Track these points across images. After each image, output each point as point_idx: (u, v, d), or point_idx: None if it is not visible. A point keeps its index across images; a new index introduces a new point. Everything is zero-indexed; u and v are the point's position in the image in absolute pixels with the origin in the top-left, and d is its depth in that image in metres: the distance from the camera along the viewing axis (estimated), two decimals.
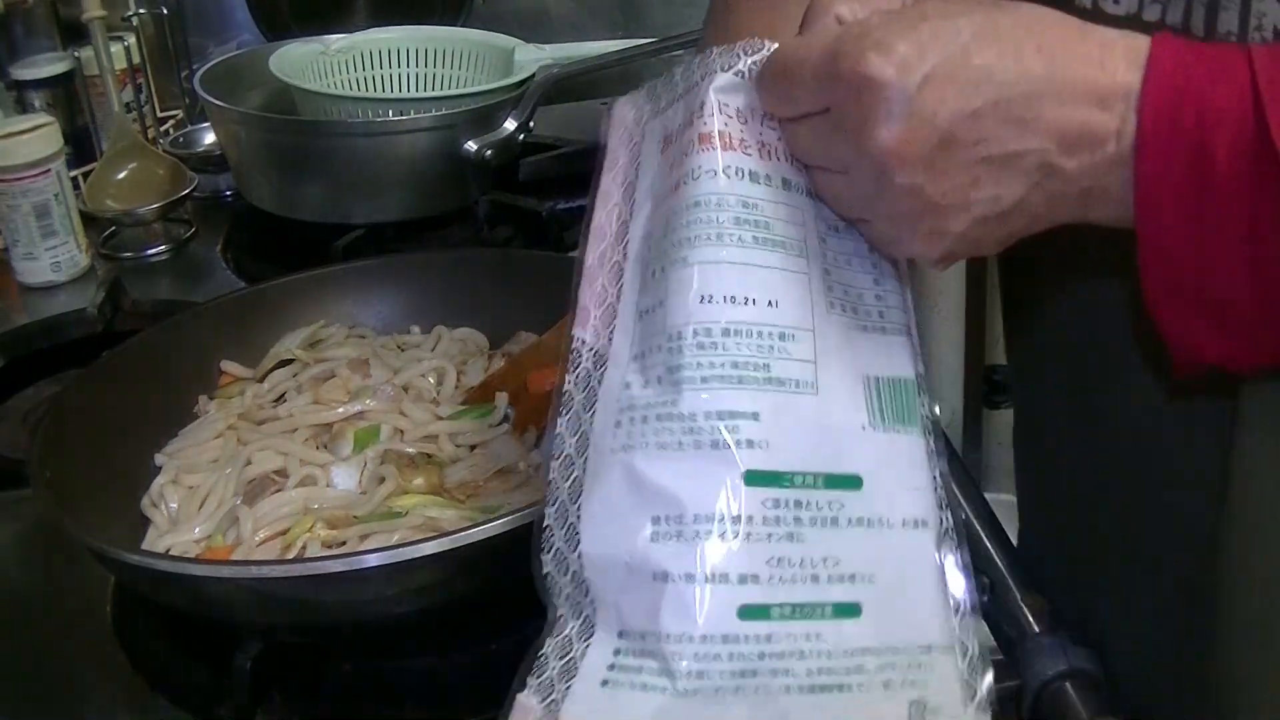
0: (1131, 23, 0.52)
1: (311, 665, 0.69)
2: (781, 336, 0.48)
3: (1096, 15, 0.53)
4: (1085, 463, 0.65)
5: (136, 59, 1.35)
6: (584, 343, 0.51)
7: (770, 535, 0.46)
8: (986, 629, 0.60)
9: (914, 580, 0.48)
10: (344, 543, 0.69)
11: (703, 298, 0.48)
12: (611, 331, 0.51)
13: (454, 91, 1.22)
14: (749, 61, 0.51)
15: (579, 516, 0.48)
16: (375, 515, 0.70)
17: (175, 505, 0.75)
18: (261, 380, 0.85)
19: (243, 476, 0.75)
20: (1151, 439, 0.60)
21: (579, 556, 0.48)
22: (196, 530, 0.73)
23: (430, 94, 1.25)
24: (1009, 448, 1.82)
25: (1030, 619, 0.59)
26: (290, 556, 0.68)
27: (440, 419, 0.79)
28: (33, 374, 1.01)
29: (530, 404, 0.79)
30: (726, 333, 0.47)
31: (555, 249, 1.10)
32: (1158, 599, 0.62)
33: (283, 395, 0.83)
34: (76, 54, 1.28)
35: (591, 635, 0.47)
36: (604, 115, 0.57)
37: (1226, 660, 0.57)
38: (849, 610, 0.47)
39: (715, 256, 0.48)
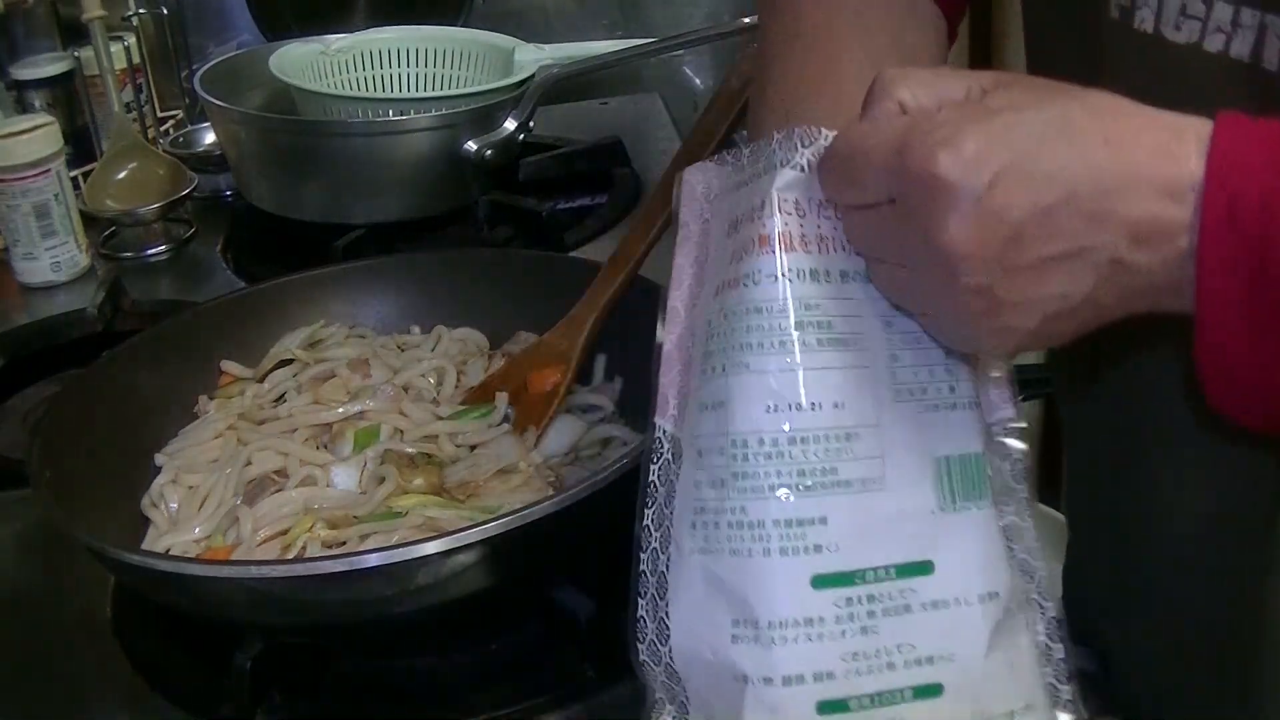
0: (1193, 53, 0.50)
1: (311, 665, 0.69)
2: (848, 437, 0.48)
3: (1158, 43, 0.52)
4: (1130, 500, 0.65)
5: (136, 59, 1.35)
6: (665, 433, 0.52)
7: (844, 632, 0.47)
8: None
9: (995, 650, 0.49)
10: (344, 543, 0.69)
11: (768, 407, 0.48)
12: (684, 422, 0.52)
13: (454, 91, 1.22)
14: (807, 154, 0.50)
15: (668, 613, 0.50)
16: (375, 515, 0.70)
17: (175, 505, 0.75)
18: (261, 380, 0.85)
19: (243, 476, 0.75)
20: (1193, 497, 0.60)
21: (669, 650, 0.50)
22: (196, 530, 0.72)
23: (430, 94, 1.25)
24: None
25: None
26: (290, 556, 0.68)
27: (440, 419, 0.79)
28: (33, 374, 1.01)
29: (530, 404, 0.79)
30: (793, 441, 0.48)
31: (555, 249, 1.10)
32: (1198, 639, 0.62)
33: (283, 395, 0.83)
34: (76, 54, 1.28)
35: None
36: (676, 181, 0.56)
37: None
38: (930, 691, 0.48)
39: (779, 365, 0.48)
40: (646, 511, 0.51)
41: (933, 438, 0.50)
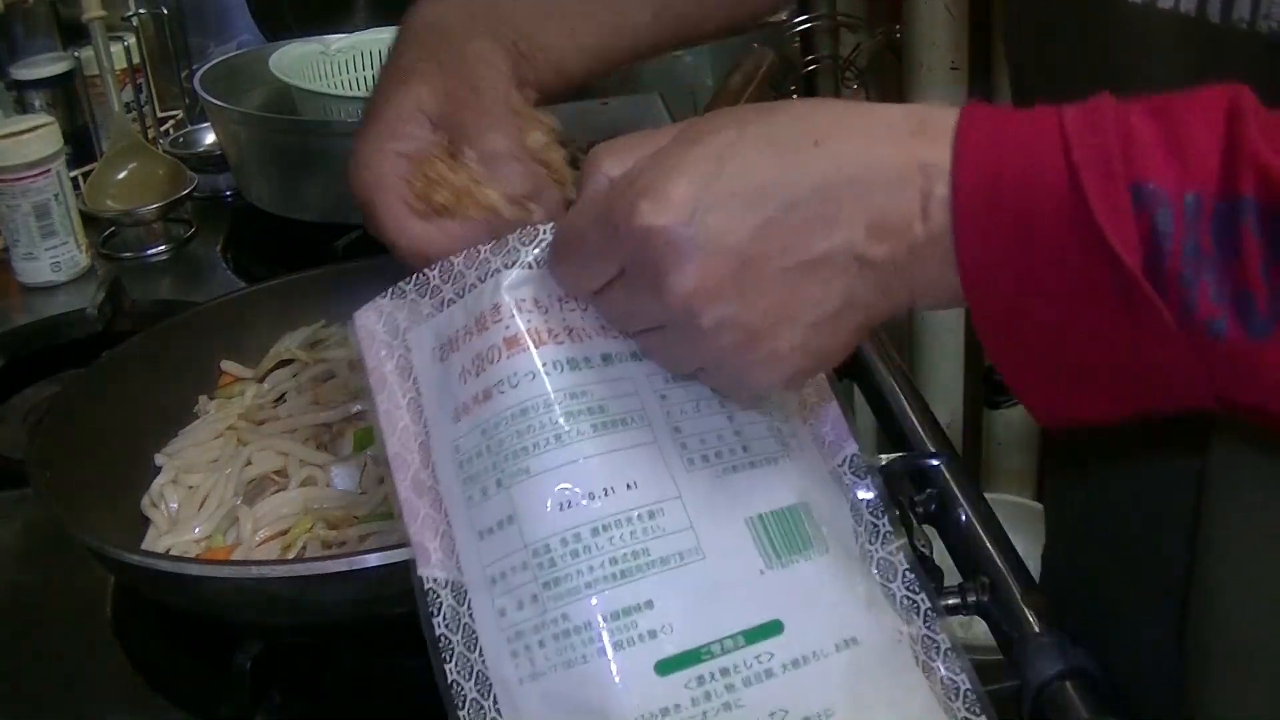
0: (1147, 11, 0.51)
1: (311, 665, 0.69)
2: (651, 515, 0.47)
3: (1117, 5, 0.52)
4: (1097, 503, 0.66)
5: (136, 59, 1.35)
6: (437, 580, 0.49)
7: (705, 713, 0.45)
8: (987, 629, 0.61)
9: (876, 695, 0.47)
10: (344, 543, 0.69)
11: (560, 505, 0.46)
12: (457, 561, 0.49)
13: None
14: (531, 252, 0.49)
15: None
16: (375, 515, 0.70)
17: (175, 505, 0.75)
18: (261, 380, 0.85)
19: (243, 476, 0.75)
20: (1136, 489, 0.61)
21: None
22: (196, 530, 0.72)
23: None
24: (1009, 448, 1.84)
25: (1030, 618, 0.59)
26: (290, 556, 0.68)
27: None
28: (33, 374, 1.01)
29: None
30: (595, 532, 0.46)
31: None
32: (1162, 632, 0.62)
33: (283, 395, 0.83)
34: (76, 54, 1.28)
35: None
36: (350, 330, 0.55)
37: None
38: None
39: (559, 460, 0.47)
40: (447, 668, 0.48)
41: (738, 499, 0.48)
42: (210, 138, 1.32)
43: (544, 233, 0.50)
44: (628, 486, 0.47)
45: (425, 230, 0.59)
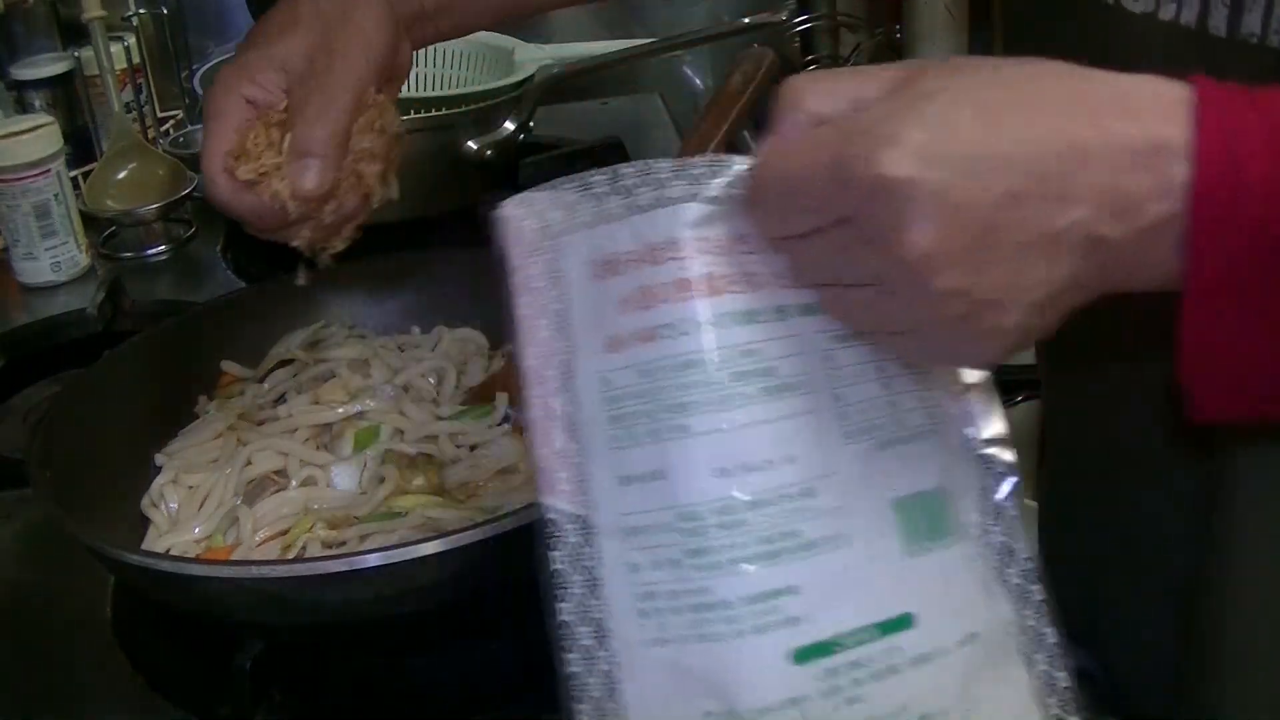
0: (1148, 22, 0.51)
1: (311, 665, 0.69)
2: (806, 493, 0.44)
3: (1118, 13, 0.52)
4: (1100, 477, 0.66)
5: (136, 59, 1.35)
6: (563, 513, 0.46)
7: (832, 707, 0.43)
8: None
9: (982, 694, 0.45)
10: (344, 543, 0.69)
11: (717, 472, 0.43)
12: (590, 498, 0.46)
13: (454, 91, 1.22)
14: (717, 185, 0.45)
15: (622, 714, 0.45)
16: (375, 515, 0.70)
17: (175, 505, 0.75)
18: (261, 380, 0.85)
19: (243, 476, 0.75)
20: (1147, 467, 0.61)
21: None
22: (196, 530, 0.73)
23: (430, 94, 1.25)
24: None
25: None
26: (290, 556, 0.68)
27: (440, 419, 0.79)
28: (33, 374, 1.01)
29: None
30: (751, 506, 0.43)
31: None
32: (1161, 614, 0.62)
33: (283, 395, 0.83)
34: (76, 54, 1.28)
35: None
36: (493, 218, 0.49)
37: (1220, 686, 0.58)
38: None
39: (723, 423, 0.43)
40: (561, 606, 0.45)
41: (888, 477, 0.46)
42: None
43: (733, 164, 0.45)
44: (788, 460, 0.44)
45: (232, 187, 0.63)
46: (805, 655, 0.43)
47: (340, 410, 0.79)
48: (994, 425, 0.49)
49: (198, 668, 0.70)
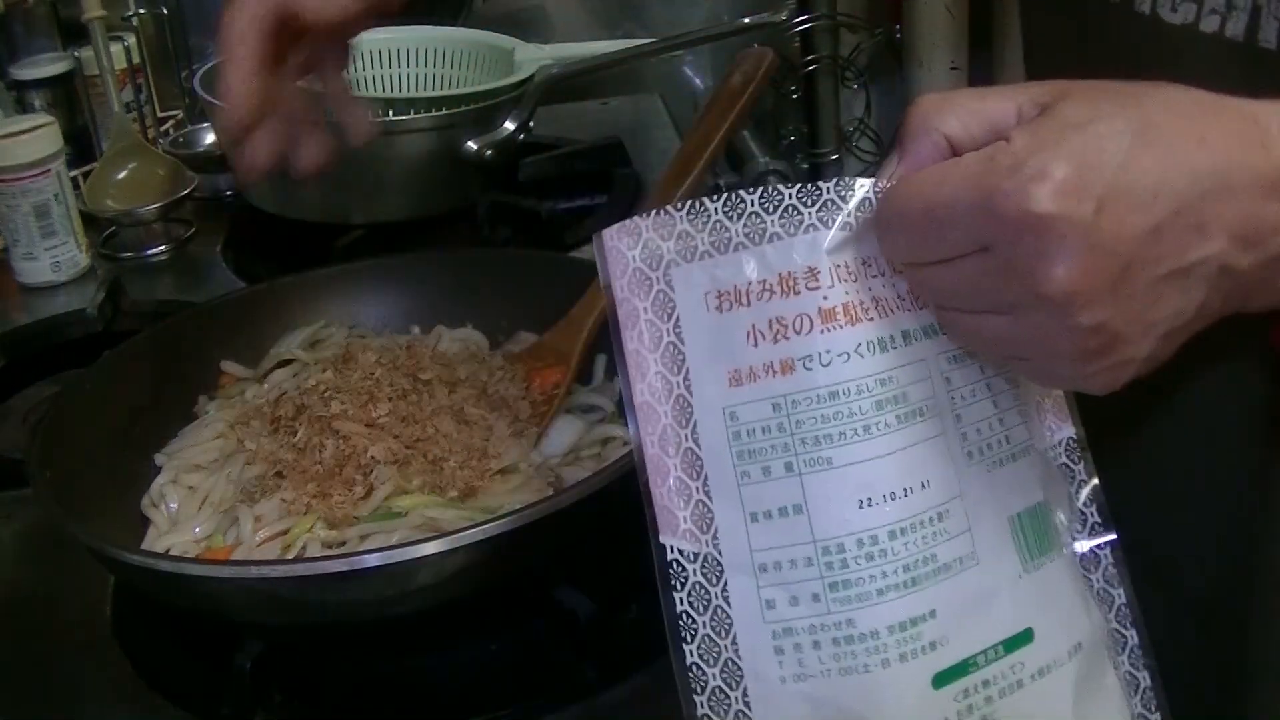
0: (1188, 34, 0.50)
1: (311, 665, 0.69)
2: (939, 517, 0.44)
3: (1155, 24, 0.51)
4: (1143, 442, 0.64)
5: (136, 59, 1.35)
6: (683, 553, 0.45)
7: None
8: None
9: (1084, 701, 0.46)
10: (344, 543, 0.69)
11: (861, 503, 0.44)
12: (714, 537, 0.45)
13: (454, 91, 1.22)
14: (851, 209, 0.44)
15: None
16: (375, 515, 0.70)
17: (175, 505, 0.75)
18: (261, 380, 0.85)
19: (243, 476, 0.75)
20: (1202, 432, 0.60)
21: None
22: (196, 530, 0.72)
23: (430, 94, 1.25)
24: None
25: None
26: (290, 556, 0.68)
27: None
28: (33, 374, 1.01)
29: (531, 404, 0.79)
30: (893, 535, 0.44)
31: (555, 249, 1.10)
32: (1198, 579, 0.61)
33: (282, 395, 0.83)
34: (76, 54, 1.28)
35: None
36: (596, 247, 0.48)
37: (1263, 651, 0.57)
38: None
39: (866, 454, 0.44)
40: (688, 649, 0.45)
41: (1004, 495, 0.46)
42: (210, 138, 1.32)
43: (861, 187, 0.44)
44: (922, 486, 0.44)
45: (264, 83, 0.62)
46: (944, 679, 0.44)
47: None
48: (1071, 429, 0.50)
49: (198, 668, 0.70)
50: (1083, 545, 0.49)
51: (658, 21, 1.59)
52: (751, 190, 0.46)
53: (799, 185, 0.45)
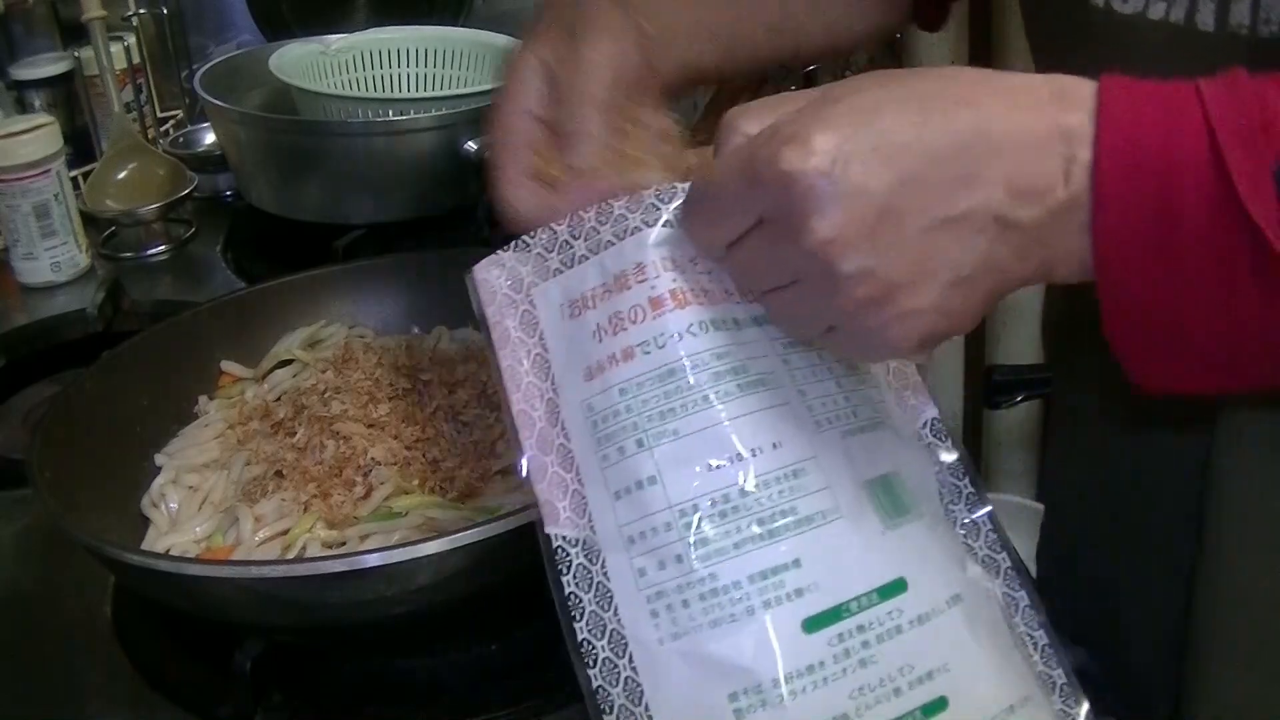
0: (1138, 22, 0.52)
1: (311, 665, 0.69)
2: (795, 474, 0.47)
3: (1109, 15, 0.53)
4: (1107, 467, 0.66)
5: (136, 59, 1.35)
6: (566, 539, 0.49)
7: (845, 669, 0.46)
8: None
9: (979, 650, 0.48)
10: (344, 543, 0.69)
11: (709, 466, 0.47)
12: (589, 520, 0.49)
13: (454, 91, 1.22)
14: (671, 209, 0.49)
15: (650, 716, 0.47)
16: (375, 515, 0.70)
17: (175, 505, 0.75)
18: (261, 380, 0.85)
19: (243, 476, 0.75)
20: (1141, 456, 0.61)
21: None
22: (196, 530, 0.73)
23: (430, 94, 1.25)
24: (1009, 448, 1.83)
25: None
26: (290, 556, 0.68)
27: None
28: (33, 374, 1.01)
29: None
30: (744, 492, 0.46)
31: None
32: (1159, 605, 0.62)
33: (282, 395, 0.83)
34: (76, 54, 1.28)
35: None
36: (469, 282, 0.54)
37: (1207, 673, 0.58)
38: (937, 706, 0.47)
39: (709, 421, 0.47)
40: (577, 626, 0.48)
41: (858, 461, 0.49)
42: (210, 138, 1.32)
43: (680, 190, 0.49)
44: (774, 446, 0.47)
45: (536, 193, 0.56)
46: (815, 624, 0.46)
47: None
48: (933, 410, 0.54)
49: (198, 668, 0.70)
50: (962, 515, 0.52)
51: None
52: (590, 209, 0.51)
53: (629, 198, 0.50)
